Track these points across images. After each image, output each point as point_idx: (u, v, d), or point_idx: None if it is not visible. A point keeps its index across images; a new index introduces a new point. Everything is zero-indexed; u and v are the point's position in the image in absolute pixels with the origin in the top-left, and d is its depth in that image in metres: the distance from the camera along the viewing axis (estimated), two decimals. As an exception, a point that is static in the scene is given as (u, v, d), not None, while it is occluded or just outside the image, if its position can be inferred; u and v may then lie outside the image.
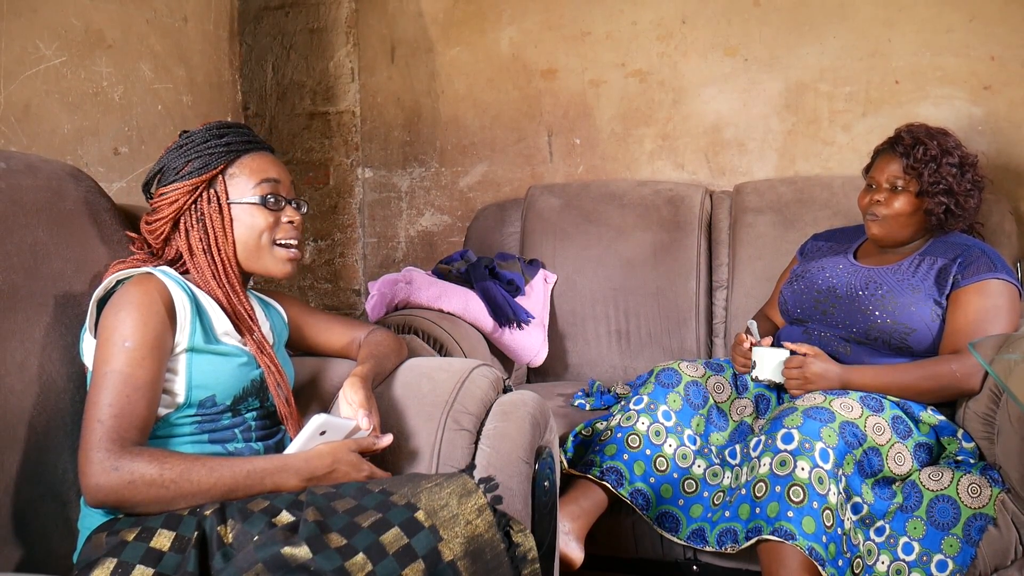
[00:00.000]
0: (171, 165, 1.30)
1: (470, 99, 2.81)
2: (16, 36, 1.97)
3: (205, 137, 1.30)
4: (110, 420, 1.09)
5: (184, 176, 1.28)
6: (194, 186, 1.28)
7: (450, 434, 1.36)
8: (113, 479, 1.06)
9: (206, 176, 1.28)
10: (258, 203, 1.30)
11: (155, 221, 1.30)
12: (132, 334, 1.13)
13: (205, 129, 1.32)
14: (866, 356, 1.79)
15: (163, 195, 1.29)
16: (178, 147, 1.30)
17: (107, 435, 1.08)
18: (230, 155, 1.30)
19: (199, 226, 1.28)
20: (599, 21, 2.65)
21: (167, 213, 1.29)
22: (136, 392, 1.12)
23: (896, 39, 2.38)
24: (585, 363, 2.45)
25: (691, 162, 2.61)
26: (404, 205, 2.94)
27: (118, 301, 1.17)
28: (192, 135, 1.31)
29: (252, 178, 1.31)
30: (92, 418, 1.09)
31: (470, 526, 1.08)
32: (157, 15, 2.40)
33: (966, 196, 1.82)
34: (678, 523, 1.73)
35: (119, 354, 1.12)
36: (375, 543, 1.01)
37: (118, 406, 1.10)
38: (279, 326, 1.45)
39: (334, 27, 2.89)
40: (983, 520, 1.52)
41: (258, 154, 1.33)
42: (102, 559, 1.04)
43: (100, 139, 2.21)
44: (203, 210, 1.28)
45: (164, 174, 1.30)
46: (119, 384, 1.11)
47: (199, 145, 1.30)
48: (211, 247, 1.28)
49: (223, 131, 1.32)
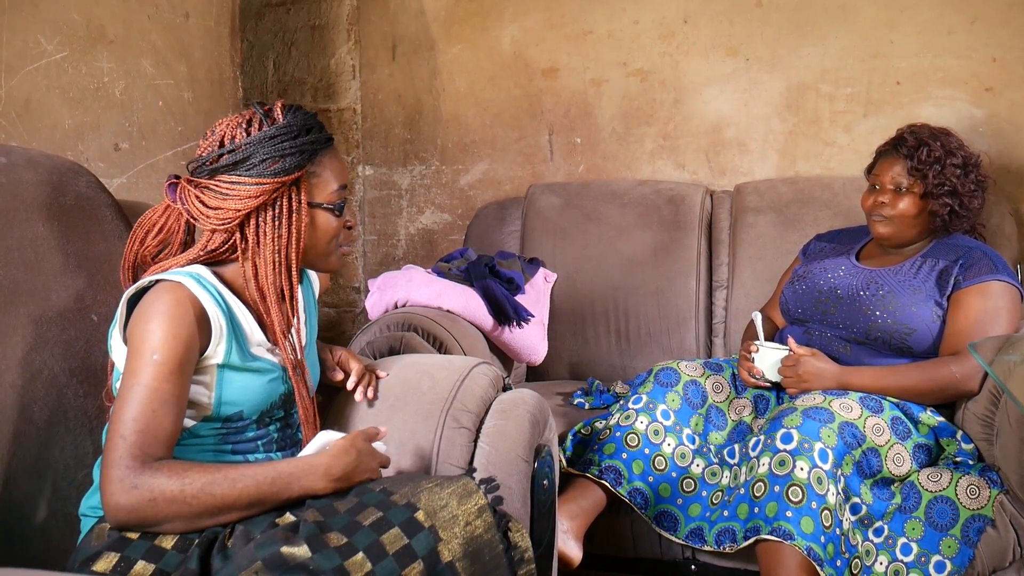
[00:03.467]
0: (257, 155, 1.17)
1: (471, 97, 2.81)
2: (17, 31, 1.96)
3: (295, 131, 1.19)
4: (133, 435, 1.04)
5: (274, 172, 1.17)
6: (281, 183, 1.17)
7: (449, 432, 1.36)
8: (133, 498, 1.02)
9: (295, 175, 1.19)
10: (334, 209, 1.24)
11: (225, 210, 1.17)
12: (161, 347, 1.08)
13: (293, 117, 1.21)
14: (866, 357, 1.80)
15: (240, 185, 1.16)
16: (268, 137, 1.17)
17: (129, 451, 1.04)
18: (315, 154, 1.21)
19: (275, 224, 1.19)
20: (601, 20, 2.65)
21: (241, 207, 1.16)
22: (163, 407, 1.07)
23: (898, 40, 2.38)
24: (584, 362, 2.45)
25: (692, 162, 2.61)
26: (404, 203, 2.94)
27: (149, 309, 1.11)
28: (286, 127, 1.19)
29: (333, 182, 1.23)
30: (115, 433, 1.05)
31: (469, 527, 1.08)
32: (158, 11, 2.40)
33: (970, 197, 1.82)
34: (676, 522, 1.73)
35: (147, 367, 1.08)
36: (375, 543, 1.01)
37: (143, 421, 1.05)
38: (311, 305, 1.40)
39: (335, 24, 2.89)
40: (981, 521, 1.52)
41: (332, 153, 1.25)
42: (104, 552, 1.04)
43: (101, 135, 2.21)
44: (283, 209, 1.19)
45: (245, 162, 1.17)
46: (145, 398, 1.06)
47: (291, 140, 1.18)
48: (283, 249, 1.20)
49: (310, 122, 1.22)
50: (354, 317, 2.99)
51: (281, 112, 1.21)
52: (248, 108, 1.23)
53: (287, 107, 1.22)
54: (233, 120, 1.21)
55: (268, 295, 1.20)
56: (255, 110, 1.21)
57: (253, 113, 1.21)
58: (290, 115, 1.21)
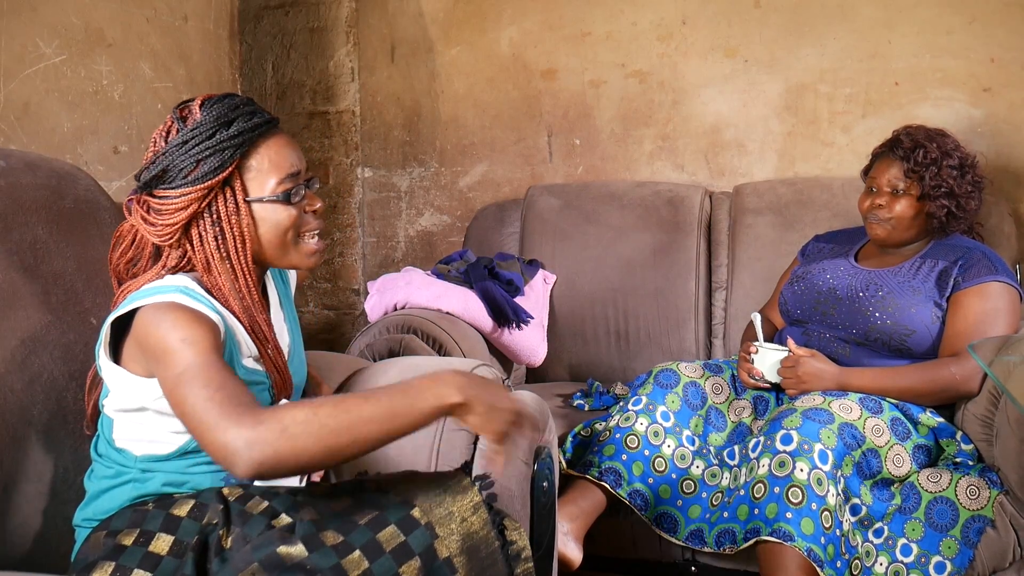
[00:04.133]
0: (176, 166, 1.10)
1: (470, 99, 2.81)
2: (16, 34, 1.97)
3: (212, 128, 1.10)
4: (218, 395, 0.96)
5: (195, 180, 1.09)
6: (208, 189, 1.10)
7: (449, 434, 1.36)
8: (263, 435, 0.93)
9: (221, 177, 1.11)
10: (281, 200, 1.14)
11: (160, 225, 1.12)
12: (187, 334, 1.02)
13: (207, 114, 1.12)
14: (865, 358, 1.80)
15: (169, 199, 1.10)
16: (181, 143, 1.10)
17: (225, 409, 0.95)
18: (244, 146, 1.12)
19: (215, 230, 1.12)
20: (599, 21, 2.65)
21: (176, 220, 1.11)
22: (222, 370, 1.00)
23: (896, 41, 2.38)
24: (584, 363, 2.45)
25: (691, 163, 2.61)
26: (404, 205, 2.94)
27: (154, 320, 1.04)
28: (197, 128, 1.10)
29: (273, 173, 1.14)
30: (200, 412, 0.96)
31: (465, 523, 1.08)
32: (157, 14, 2.40)
33: (967, 198, 1.82)
34: (676, 524, 1.73)
35: (183, 352, 1.00)
36: (371, 540, 1.01)
37: (215, 385, 0.97)
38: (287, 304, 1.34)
39: (334, 26, 2.89)
40: (981, 522, 1.52)
41: (273, 138, 1.15)
42: (100, 562, 1.04)
43: (100, 138, 2.21)
44: (219, 212, 1.12)
45: (168, 175, 1.11)
46: (200, 372, 0.99)
47: (208, 140, 1.10)
48: (230, 254, 1.13)
49: (230, 114, 1.12)
50: (353, 319, 2.99)
51: (199, 109, 1.13)
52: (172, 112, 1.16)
53: (206, 101, 1.14)
54: (159, 128, 1.15)
55: (232, 303, 1.14)
56: (172, 114, 1.14)
57: (172, 119, 1.14)
58: (204, 112, 1.12)
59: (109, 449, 1.16)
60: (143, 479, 1.14)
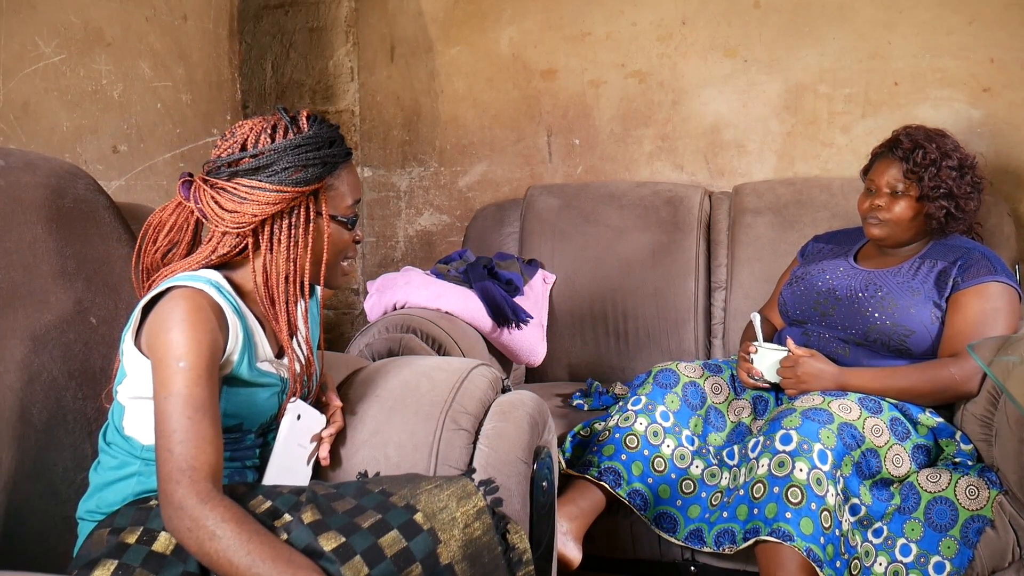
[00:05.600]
0: (280, 163, 1.15)
1: (469, 99, 2.81)
2: (15, 33, 1.96)
3: (319, 142, 1.18)
4: (179, 447, 1.02)
5: (295, 182, 1.15)
6: (300, 194, 1.16)
7: (448, 434, 1.36)
8: (197, 518, 1.00)
9: (315, 187, 1.18)
10: (348, 222, 1.23)
11: (241, 214, 1.15)
12: (186, 354, 1.06)
13: (319, 128, 1.20)
14: (865, 358, 1.80)
15: (260, 190, 1.15)
16: (294, 146, 1.16)
17: (189, 466, 1.02)
18: (335, 167, 1.20)
19: (290, 232, 1.18)
20: (599, 22, 2.65)
21: (259, 212, 1.15)
22: (198, 412, 1.05)
23: (896, 41, 2.38)
24: (583, 363, 2.45)
25: (690, 163, 2.61)
26: (403, 204, 2.94)
27: (169, 317, 1.09)
28: (312, 137, 1.18)
29: (349, 196, 1.23)
30: (163, 447, 1.03)
31: (468, 529, 1.08)
32: (156, 13, 2.40)
33: (966, 199, 1.82)
34: (676, 524, 1.73)
35: (175, 376, 1.05)
36: (373, 545, 1.01)
37: (182, 431, 1.03)
38: (314, 317, 1.39)
39: (334, 26, 2.89)
40: (981, 522, 1.52)
41: (350, 167, 1.24)
42: (102, 559, 1.04)
43: (99, 137, 2.21)
44: (299, 218, 1.18)
45: (267, 168, 1.15)
46: (180, 407, 1.04)
47: (315, 151, 1.17)
48: (297, 257, 1.19)
49: (332, 135, 1.21)
50: (353, 319, 2.99)
51: (306, 122, 1.20)
52: (273, 113, 1.22)
53: (312, 117, 1.21)
54: (257, 124, 1.19)
55: (278, 301, 1.18)
56: (281, 116, 1.20)
57: (279, 119, 1.20)
58: (316, 126, 1.20)
59: (117, 436, 1.17)
60: (147, 472, 1.14)
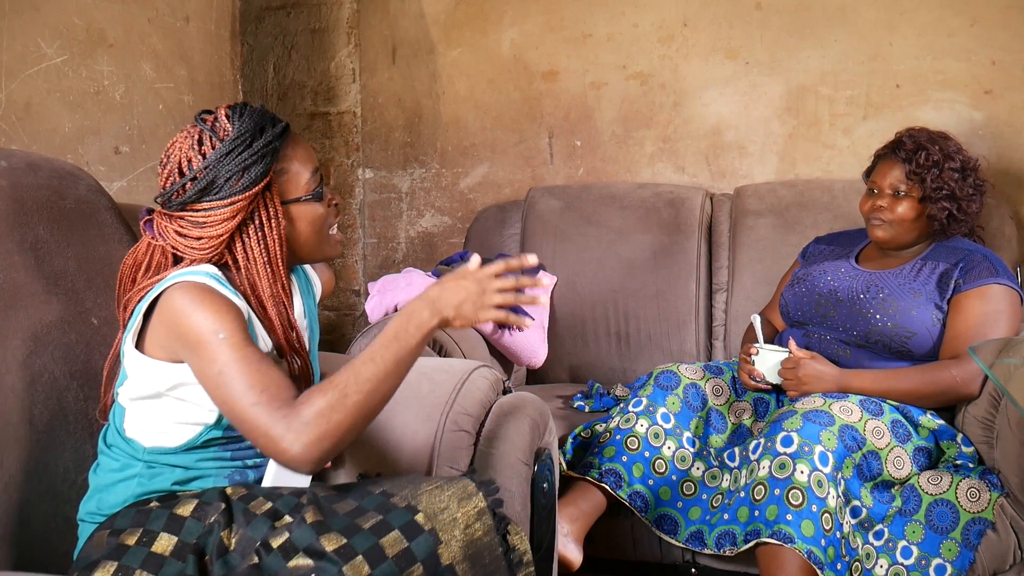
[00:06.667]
0: (220, 176, 1.12)
1: (471, 100, 2.81)
2: (18, 34, 1.97)
3: (247, 137, 1.14)
4: (261, 396, 1.02)
5: (242, 188, 1.12)
6: (254, 196, 1.13)
7: (449, 435, 1.36)
8: (311, 431, 1.01)
9: (264, 182, 1.14)
10: (314, 198, 1.20)
11: (207, 238, 1.13)
12: (221, 326, 1.05)
13: (242, 123, 1.15)
14: (866, 360, 1.80)
15: (214, 211, 1.12)
16: (226, 153, 1.12)
17: (272, 415, 1.02)
18: (276, 152, 1.16)
19: (258, 235, 1.16)
20: (600, 23, 2.65)
21: (224, 231, 1.13)
22: (261, 363, 1.05)
23: (897, 43, 2.38)
24: (584, 365, 2.45)
25: (692, 165, 2.61)
26: (404, 206, 2.94)
27: (183, 306, 1.07)
28: (239, 138, 1.13)
29: (304, 171, 1.20)
30: (250, 418, 1.03)
31: (469, 529, 1.08)
32: (159, 14, 2.40)
33: (968, 201, 1.82)
34: (677, 525, 1.73)
35: (219, 347, 1.05)
36: (375, 546, 1.01)
37: (258, 386, 1.03)
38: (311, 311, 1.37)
39: (335, 27, 2.89)
40: (982, 524, 1.52)
41: (293, 141, 1.21)
42: (102, 561, 1.04)
43: (101, 138, 2.21)
44: (261, 218, 1.15)
45: (212, 187, 1.12)
46: (239, 368, 1.04)
47: (247, 148, 1.13)
48: (272, 257, 1.17)
49: (260, 121, 1.16)
50: (354, 320, 2.99)
51: (227, 119, 1.16)
52: (193, 125, 1.17)
53: (232, 111, 1.17)
54: (184, 141, 1.16)
55: (268, 306, 1.18)
56: (199, 126, 1.16)
57: (200, 131, 1.15)
58: (238, 121, 1.15)
59: (118, 439, 1.17)
60: (148, 474, 1.14)
